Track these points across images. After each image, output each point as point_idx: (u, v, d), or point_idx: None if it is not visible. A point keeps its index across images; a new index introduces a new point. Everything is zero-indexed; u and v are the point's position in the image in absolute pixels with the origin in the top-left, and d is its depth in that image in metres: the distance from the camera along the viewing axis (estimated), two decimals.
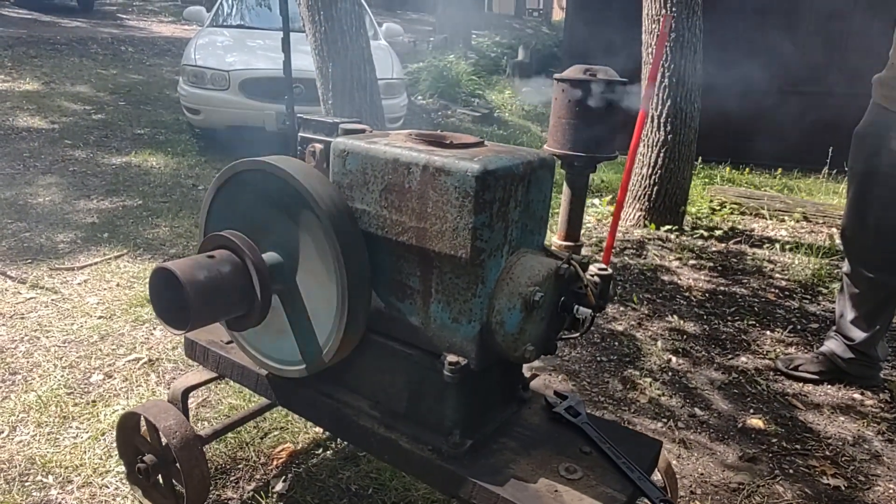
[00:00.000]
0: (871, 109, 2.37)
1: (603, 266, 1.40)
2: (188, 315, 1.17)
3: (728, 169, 6.83)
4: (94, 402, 2.12)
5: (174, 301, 1.18)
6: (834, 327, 2.59)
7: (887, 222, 2.29)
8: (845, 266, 2.50)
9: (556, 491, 1.20)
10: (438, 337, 1.27)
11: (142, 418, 1.58)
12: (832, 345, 2.56)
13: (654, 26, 4.11)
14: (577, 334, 1.41)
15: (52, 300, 2.84)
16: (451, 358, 1.22)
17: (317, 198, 1.24)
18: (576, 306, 1.29)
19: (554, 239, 1.54)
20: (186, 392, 1.62)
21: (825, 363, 2.55)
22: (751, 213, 5.06)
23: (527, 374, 1.53)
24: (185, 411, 1.61)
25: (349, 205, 1.30)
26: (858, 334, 2.47)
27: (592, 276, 1.36)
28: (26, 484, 1.73)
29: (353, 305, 1.27)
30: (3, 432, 1.94)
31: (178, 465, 1.52)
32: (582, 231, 4.35)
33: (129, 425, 1.63)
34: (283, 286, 1.35)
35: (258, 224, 1.35)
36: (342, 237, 1.24)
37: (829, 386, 2.54)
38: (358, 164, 1.28)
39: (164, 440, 1.53)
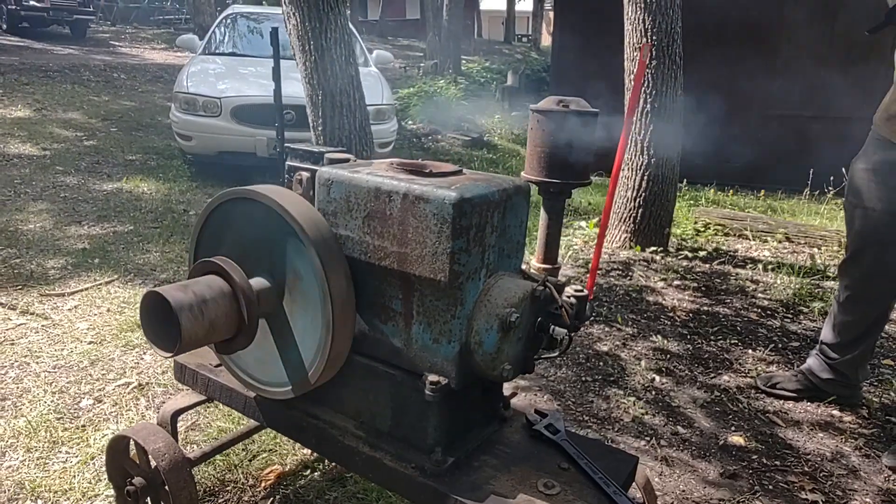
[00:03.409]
0: (878, 144, 2.30)
1: (579, 288, 1.45)
2: (178, 338, 1.21)
3: (712, 191, 6.95)
4: (83, 426, 2.14)
5: (164, 324, 1.23)
6: (817, 346, 2.65)
7: (888, 259, 2.32)
8: (838, 294, 2.52)
9: None
10: (420, 357, 1.32)
11: (131, 441, 1.61)
12: (812, 363, 2.62)
13: (635, 54, 4.23)
14: (556, 354, 1.46)
15: (43, 326, 2.87)
16: (433, 377, 1.27)
17: (303, 225, 1.29)
18: (552, 326, 1.34)
19: (532, 261, 1.60)
20: (176, 415, 1.65)
21: (803, 381, 2.61)
22: (734, 234, 5.15)
23: (507, 392, 1.57)
24: (175, 434, 1.64)
25: (334, 231, 1.35)
26: (841, 356, 2.51)
27: (568, 297, 1.42)
28: None
29: (338, 328, 1.32)
30: None
31: (166, 487, 1.55)
32: (569, 253, 4.40)
33: (118, 448, 1.65)
34: (270, 310, 1.40)
35: (246, 250, 1.40)
36: (327, 263, 1.29)
37: (808, 403, 2.59)
38: (342, 192, 1.34)
39: (153, 463, 1.56)
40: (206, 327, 1.26)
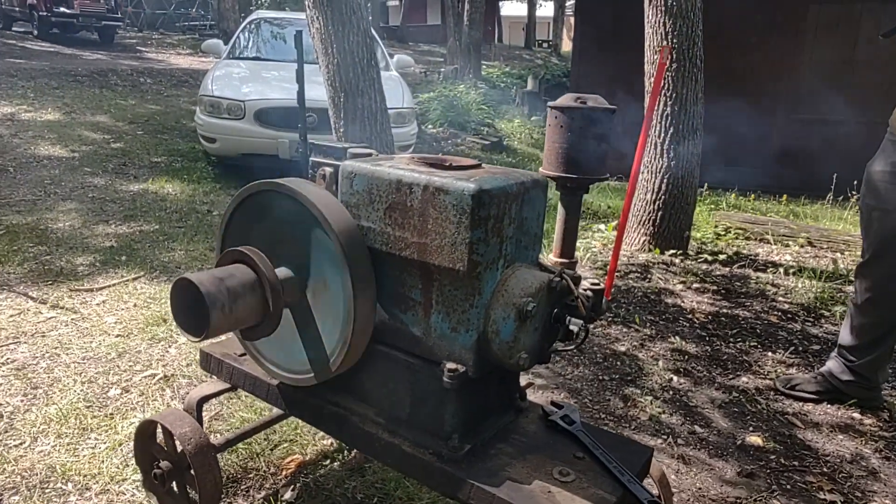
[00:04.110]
0: (892, 146, 2.31)
1: (595, 281, 1.48)
2: (206, 324, 1.26)
3: (734, 195, 6.90)
4: (111, 414, 2.20)
5: (193, 310, 1.28)
6: (836, 349, 2.63)
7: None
8: (855, 296, 2.50)
9: (549, 492, 1.26)
10: (438, 346, 1.35)
11: (158, 426, 1.67)
12: (832, 365, 2.60)
13: (655, 57, 4.23)
14: (573, 346, 1.48)
15: (72, 319, 2.95)
16: (451, 365, 1.30)
17: (326, 216, 1.34)
18: (568, 318, 1.37)
19: (550, 256, 1.62)
20: (201, 401, 1.70)
21: (823, 383, 2.59)
22: (755, 239, 5.11)
23: (522, 384, 1.60)
24: (200, 420, 1.69)
25: (356, 223, 1.39)
26: (860, 358, 2.49)
27: (585, 290, 1.44)
28: (46, 490, 1.81)
29: (359, 317, 1.36)
30: (24, 442, 2.03)
31: (192, 471, 1.60)
32: (587, 255, 4.39)
33: (146, 433, 1.71)
34: (293, 299, 1.44)
35: (272, 241, 1.45)
36: (349, 253, 1.33)
37: (828, 405, 2.58)
38: (364, 184, 1.38)
39: (179, 447, 1.61)
40: (233, 314, 1.31)
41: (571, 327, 1.39)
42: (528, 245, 1.40)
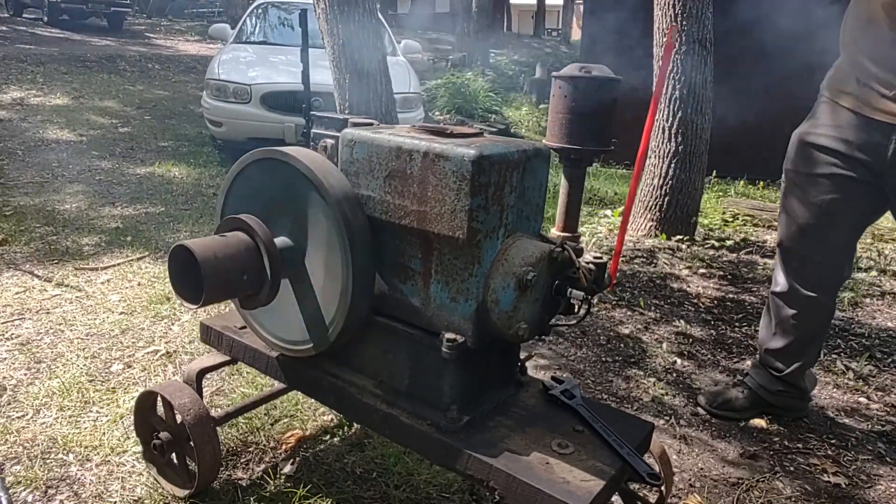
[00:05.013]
0: (825, 109, 2.11)
1: (598, 255, 1.46)
2: (202, 290, 1.25)
3: (742, 183, 6.84)
4: (113, 389, 2.21)
5: (191, 277, 1.27)
6: (757, 357, 2.37)
7: (832, 232, 2.07)
8: (779, 284, 2.22)
9: (547, 463, 1.25)
10: (438, 316, 1.34)
11: (158, 397, 1.67)
12: (758, 377, 2.31)
13: (664, 39, 4.18)
14: (575, 321, 1.47)
15: (77, 297, 2.96)
16: (450, 336, 1.29)
17: (326, 185, 1.32)
18: (569, 289, 1.35)
19: (553, 230, 1.60)
20: (201, 373, 1.70)
21: (751, 397, 2.31)
22: (764, 225, 5.06)
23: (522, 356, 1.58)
24: (200, 392, 1.69)
25: (356, 191, 1.38)
26: (787, 364, 2.23)
27: (588, 262, 1.42)
28: (48, 461, 1.82)
29: (358, 288, 1.35)
30: (27, 414, 2.04)
31: (191, 442, 1.60)
32: (593, 240, 4.34)
33: (146, 404, 1.71)
34: (292, 269, 1.43)
35: (272, 209, 1.43)
36: (349, 222, 1.32)
37: (834, 388, 2.55)
38: (364, 152, 1.36)
39: (178, 417, 1.61)
40: (230, 281, 1.30)
41: (573, 301, 1.37)
42: (529, 215, 1.38)
